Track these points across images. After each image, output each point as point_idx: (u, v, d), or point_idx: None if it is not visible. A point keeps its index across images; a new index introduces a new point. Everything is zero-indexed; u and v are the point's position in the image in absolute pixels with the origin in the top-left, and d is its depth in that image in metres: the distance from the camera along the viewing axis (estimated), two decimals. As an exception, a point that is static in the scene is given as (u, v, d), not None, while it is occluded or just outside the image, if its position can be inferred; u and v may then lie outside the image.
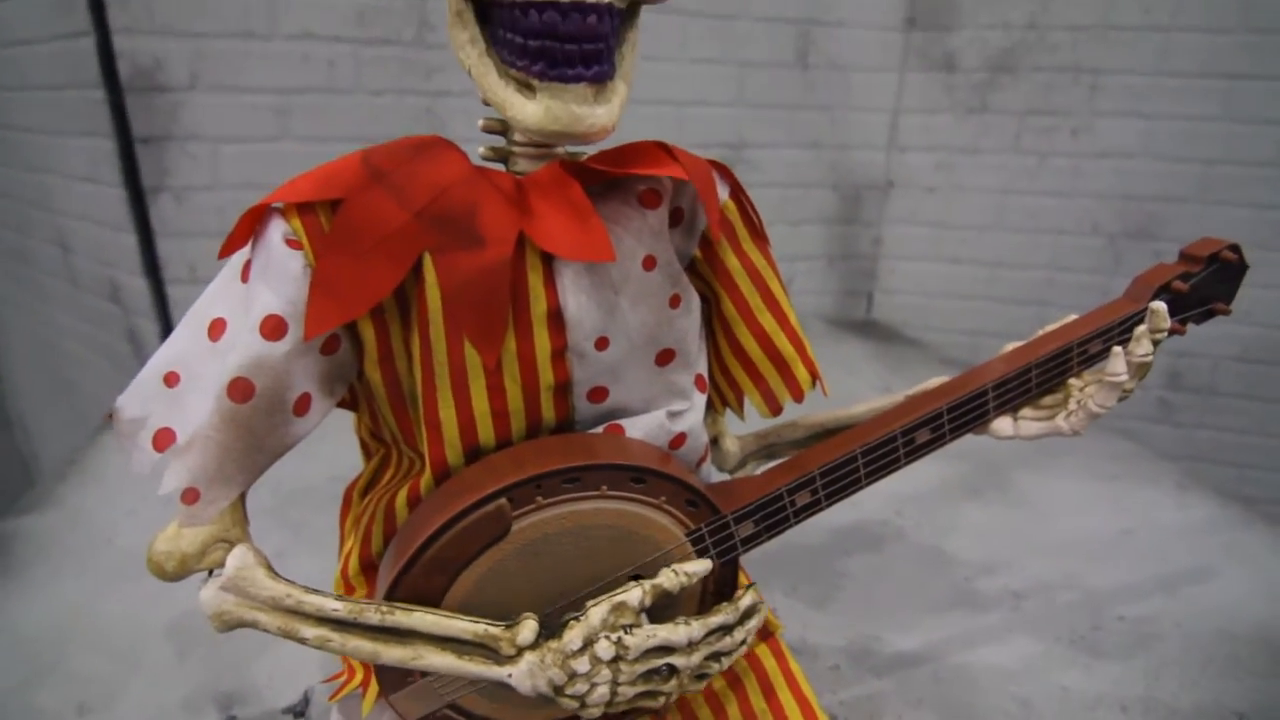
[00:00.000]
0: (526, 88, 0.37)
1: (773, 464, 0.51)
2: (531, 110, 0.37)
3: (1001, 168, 1.62)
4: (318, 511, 0.88)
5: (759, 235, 0.49)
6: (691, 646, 0.43)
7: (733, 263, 0.48)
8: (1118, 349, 0.49)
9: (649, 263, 0.43)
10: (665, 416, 0.46)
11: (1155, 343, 0.50)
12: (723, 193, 0.47)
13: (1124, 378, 0.49)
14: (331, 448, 0.62)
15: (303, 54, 1.30)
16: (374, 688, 0.47)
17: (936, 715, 0.60)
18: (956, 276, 1.72)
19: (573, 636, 0.40)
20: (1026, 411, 0.53)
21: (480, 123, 0.43)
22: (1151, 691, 0.63)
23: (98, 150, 1.33)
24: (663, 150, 0.42)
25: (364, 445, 0.52)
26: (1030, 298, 1.68)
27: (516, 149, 0.42)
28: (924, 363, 1.46)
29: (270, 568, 0.40)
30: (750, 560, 0.51)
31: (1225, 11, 1.43)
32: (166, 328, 1.39)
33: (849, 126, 1.64)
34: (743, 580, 0.51)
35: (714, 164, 0.46)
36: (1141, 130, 1.52)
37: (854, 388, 0.52)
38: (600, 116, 0.38)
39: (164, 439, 0.40)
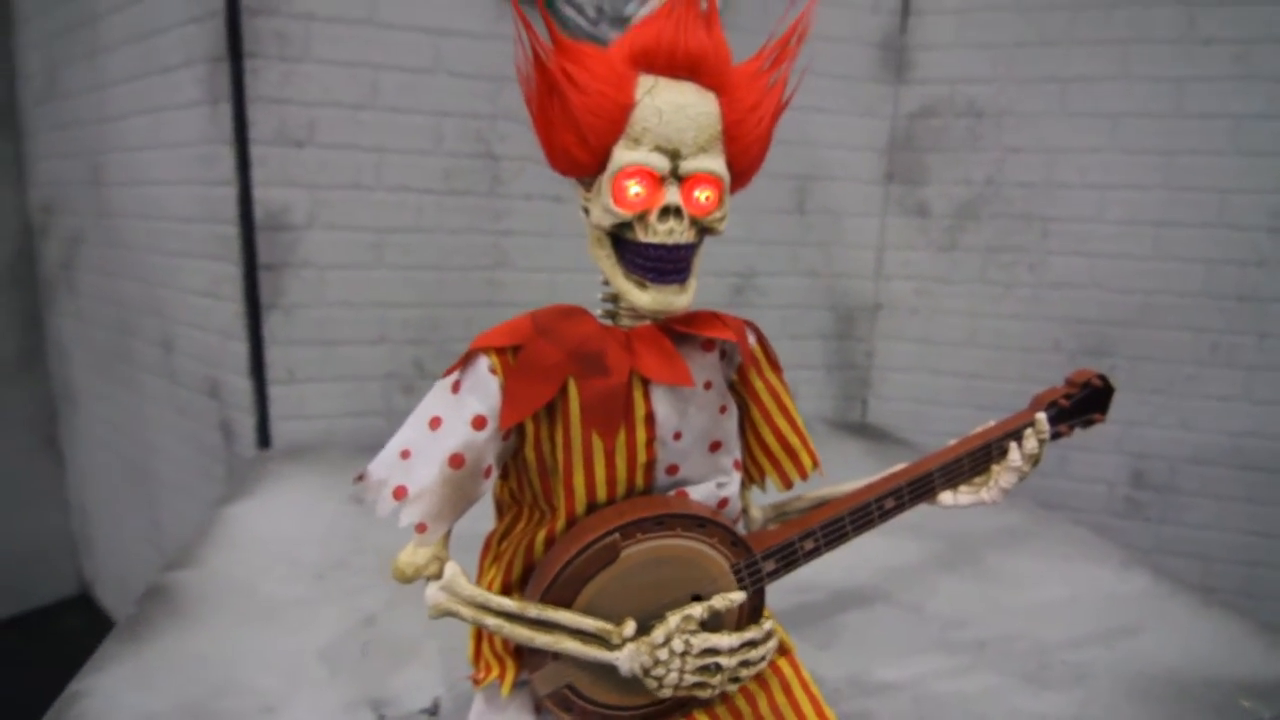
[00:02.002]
0: (641, 285, 0.62)
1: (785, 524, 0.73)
2: (645, 298, 0.62)
3: (972, 295, 1.90)
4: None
5: (775, 366, 0.73)
6: (732, 653, 0.63)
7: (758, 384, 0.72)
8: (1014, 445, 0.73)
9: (707, 386, 0.67)
10: (715, 486, 0.69)
11: (1041, 442, 0.73)
12: (751, 339, 0.72)
13: (1020, 463, 0.72)
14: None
15: (399, 201, 1.61)
16: (509, 677, 0.67)
17: (913, 725, 0.78)
18: (939, 386, 1.96)
19: (657, 635, 0.61)
20: (962, 488, 0.75)
21: (600, 296, 0.68)
22: (1083, 712, 0.82)
23: (221, 273, 1.62)
24: (714, 316, 0.68)
25: (499, 505, 0.74)
26: (1003, 405, 1.89)
27: (623, 313, 0.67)
28: (912, 459, 1.68)
29: (468, 577, 0.62)
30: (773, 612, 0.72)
31: (1149, 172, 1.75)
32: (263, 418, 1.62)
33: (842, 259, 1.94)
34: (767, 614, 0.71)
35: (746, 322, 0.71)
36: (1087, 266, 1.81)
37: (851, 479, 0.70)
38: (682, 302, 0.63)
39: (400, 493, 0.63)
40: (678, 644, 0.61)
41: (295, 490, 1.39)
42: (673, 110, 0.58)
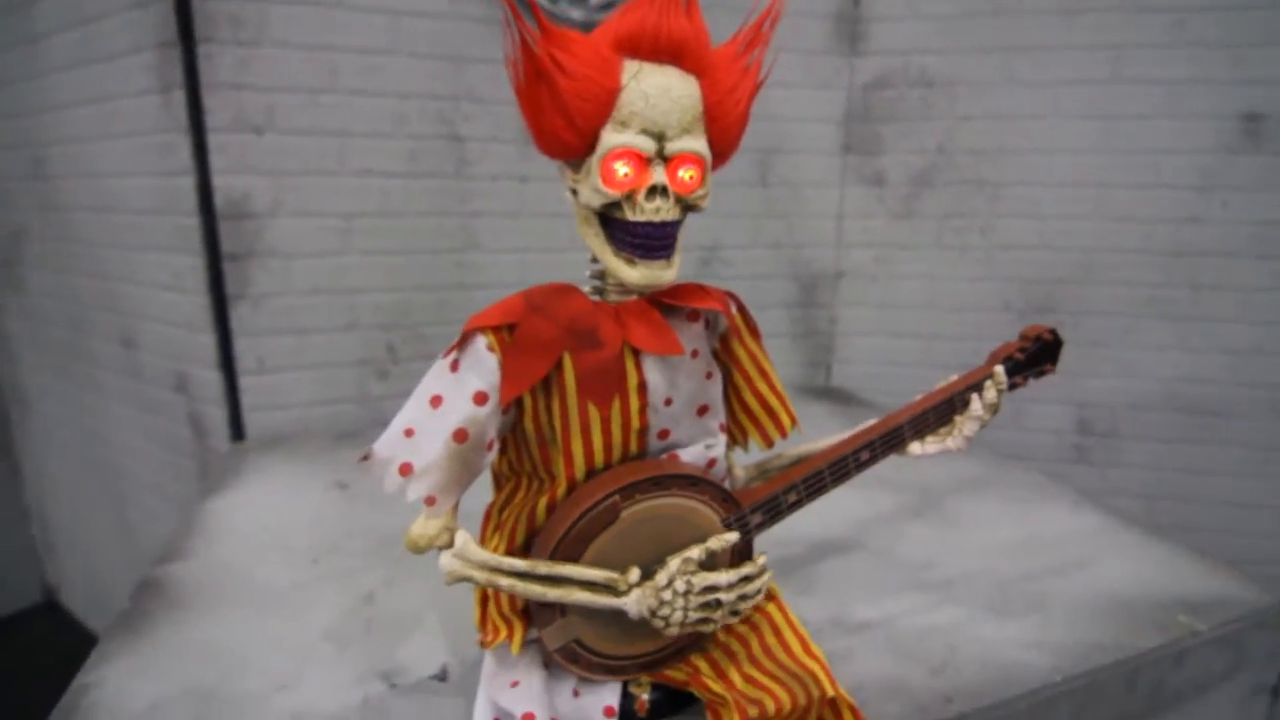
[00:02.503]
0: (629, 262, 0.65)
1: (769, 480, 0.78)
2: (633, 274, 0.65)
3: (928, 259, 1.98)
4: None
5: (755, 333, 0.78)
6: (730, 588, 0.68)
7: (740, 351, 0.77)
8: (975, 396, 0.79)
9: (694, 354, 0.71)
10: (703, 447, 0.73)
11: (999, 392, 0.80)
12: (733, 308, 0.76)
13: (981, 413, 0.78)
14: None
15: (364, 186, 1.60)
16: (519, 636, 0.71)
17: (892, 658, 0.85)
18: (899, 348, 2.05)
19: (660, 578, 0.66)
20: (930, 438, 0.81)
21: (588, 273, 0.71)
22: (1042, 637, 0.90)
23: (182, 265, 1.59)
24: (699, 288, 0.71)
25: (496, 477, 0.77)
26: (959, 363, 1.98)
27: (611, 289, 0.70)
28: (877, 419, 1.76)
29: (478, 544, 0.65)
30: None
31: (1091, 137, 1.83)
32: (234, 410, 1.61)
33: (803, 230, 2.00)
34: (756, 558, 0.76)
35: (728, 293, 0.75)
36: (1034, 228, 1.90)
37: (819, 438, 0.76)
38: (669, 276, 0.66)
39: (406, 469, 0.65)
40: (680, 584, 0.65)
41: (275, 480, 1.39)
42: (658, 94, 0.61)
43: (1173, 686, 0.92)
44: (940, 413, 0.80)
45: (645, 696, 0.73)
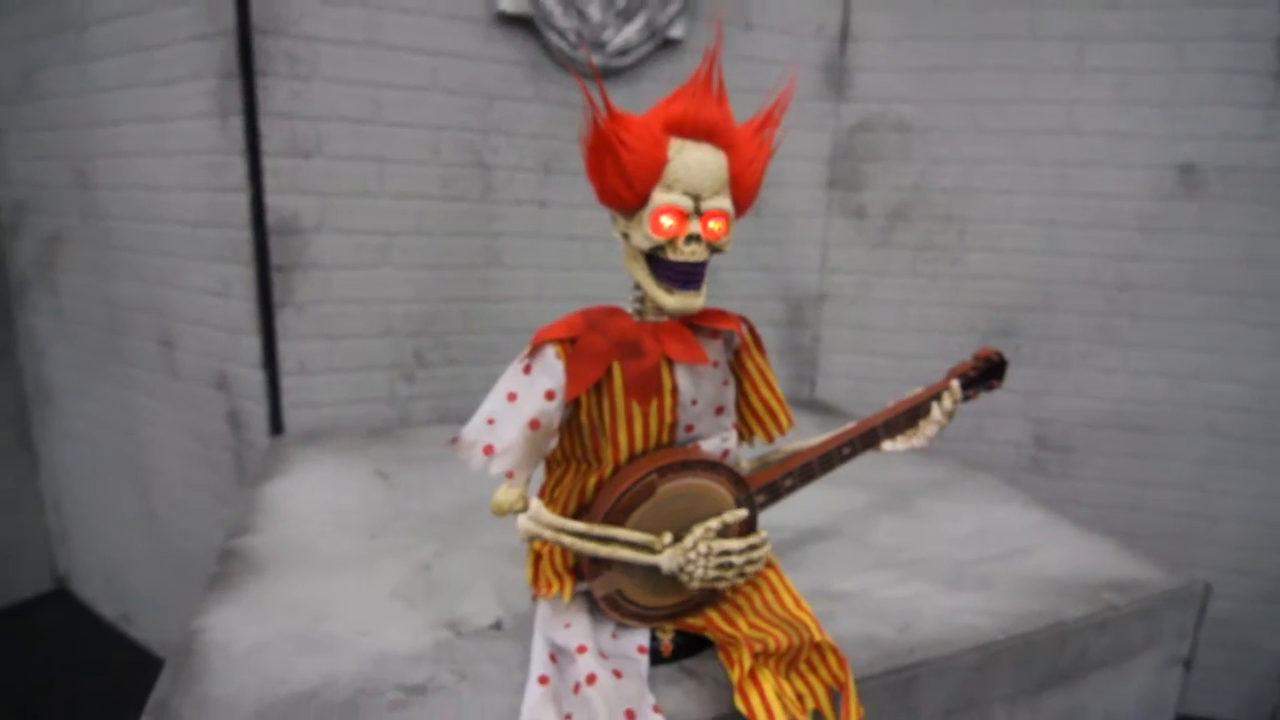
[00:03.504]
0: (669, 291, 0.83)
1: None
2: (671, 301, 0.83)
3: (902, 286, 2.19)
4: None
5: (761, 350, 0.96)
6: (740, 553, 0.86)
7: (749, 364, 0.95)
8: (935, 404, 0.98)
9: (715, 365, 0.89)
10: (720, 440, 0.92)
11: (955, 402, 0.99)
12: (744, 329, 0.94)
13: (940, 418, 0.98)
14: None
15: (400, 207, 1.77)
16: (569, 589, 0.88)
17: (865, 619, 1.03)
18: (876, 365, 2.25)
19: (688, 541, 0.83)
20: (899, 438, 1.00)
21: (630, 298, 0.89)
22: (989, 607, 1.09)
23: (231, 274, 1.74)
24: (720, 313, 0.90)
25: (549, 463, 0.94)
26: (929, 380, 2.17)
27: (649, 310, 0.88)
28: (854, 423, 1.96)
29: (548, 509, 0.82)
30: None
31: (1047, 180, 2.06)
32: (275, 406, 1.76)
33: (791, 256, 2.20)
34: (760, 531, 0.94)
35: (741, 317, 0.94)
36: (997, 261, 2.12)
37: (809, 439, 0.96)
38: (697, 303, 0.84)
39: (489, 450, 0.82)
40: (703, 547, 0.83)
41: (321, 469, 1.55)
42: (696, 165, 0.79)
43: (1097, 651, 1.12)
44: (908, 417, 0.99)
45: (669, 640, 0.90)
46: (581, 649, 0.83)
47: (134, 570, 2.34)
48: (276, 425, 1.77)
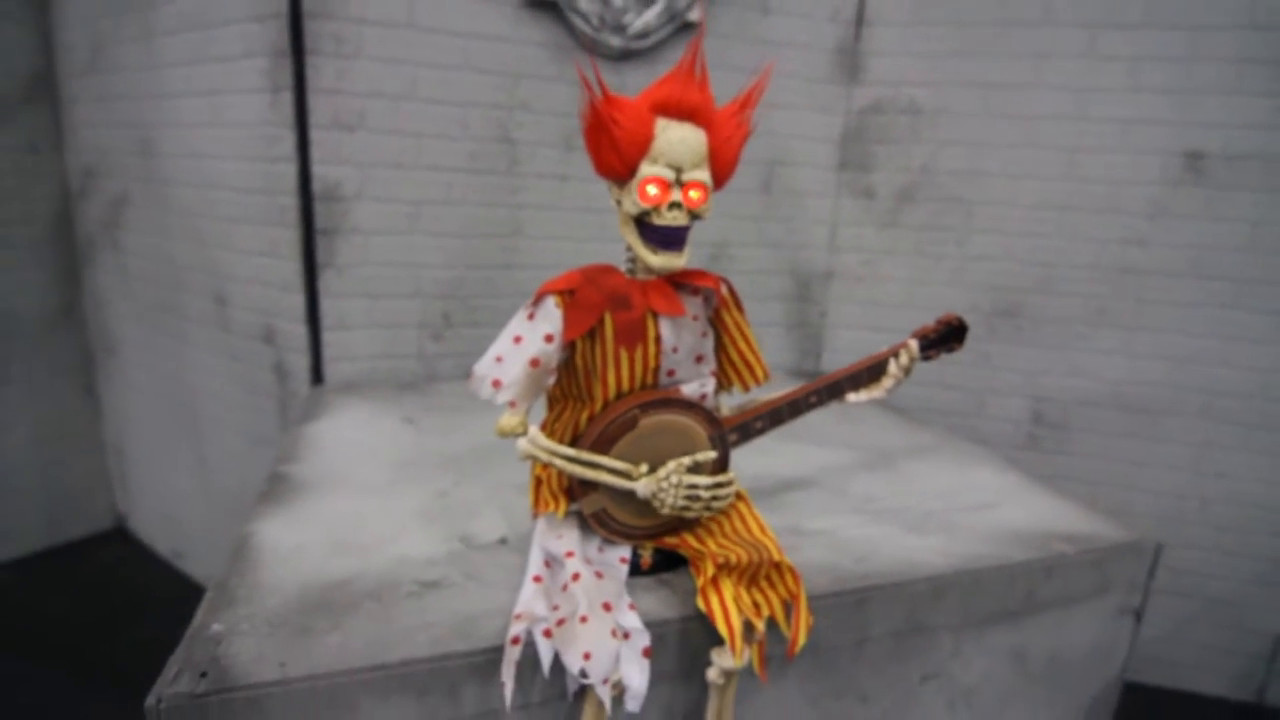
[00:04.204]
0: (654, 252, 0.96)
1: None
2: (656, 260, 0.95)
3: (909, 265, 2.27)
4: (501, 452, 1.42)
5: (739, 306, 1.08)
6: (706, 489, 0.99)
7: (727, 319, 1.07)
8: (892, 360, 1.09)
9: (694, 318, 1.02)
10: (698, 384, 1.04)
11: (911, 359, 1.10)
12: (723, 288, 1.06)
13: (897, 373, 1.09)
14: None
15: (432, 179, 1.91)
16: (563, 507, 1.02)
17: (829, 552, 1.16)
18: (881, 341, 2.30)
19: (660, 472, 0.97)
20: (861, 390, 1.12)
21: (624, 259, 1.02)
22: (948, 547, 1.20)
23: (279, 237, 1.91)
24: (700, 272, 1.02)
25: (550, 399, 1.07)
26: (933, 357, 2.32)
27: (639, 270, 1.01)
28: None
29: (544, 435, 0.96)
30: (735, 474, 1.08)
31: (1055, 166, 2.11)
32: (317, 359, 1.94)
33: (800, 233, 2.30)
34: (730, 473, 1.07)
35: (720, 276, 1.06)
36: (1002, 243, 2.18)
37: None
38: (680, 263, 0.97)
39: (496, 384, 0.96)
40: (674, 479, 0.97)
41: (356, 413, 1.71)
42: (678, 141, 0.91)
43: (1045, 594, 1.22)
44: (870, 372, 1.11)
45: (647, 555, 1.04)
46: (570, 554, 0.97)
47: (186, 510, 2.57)
48: (317, 376, 1.95)
